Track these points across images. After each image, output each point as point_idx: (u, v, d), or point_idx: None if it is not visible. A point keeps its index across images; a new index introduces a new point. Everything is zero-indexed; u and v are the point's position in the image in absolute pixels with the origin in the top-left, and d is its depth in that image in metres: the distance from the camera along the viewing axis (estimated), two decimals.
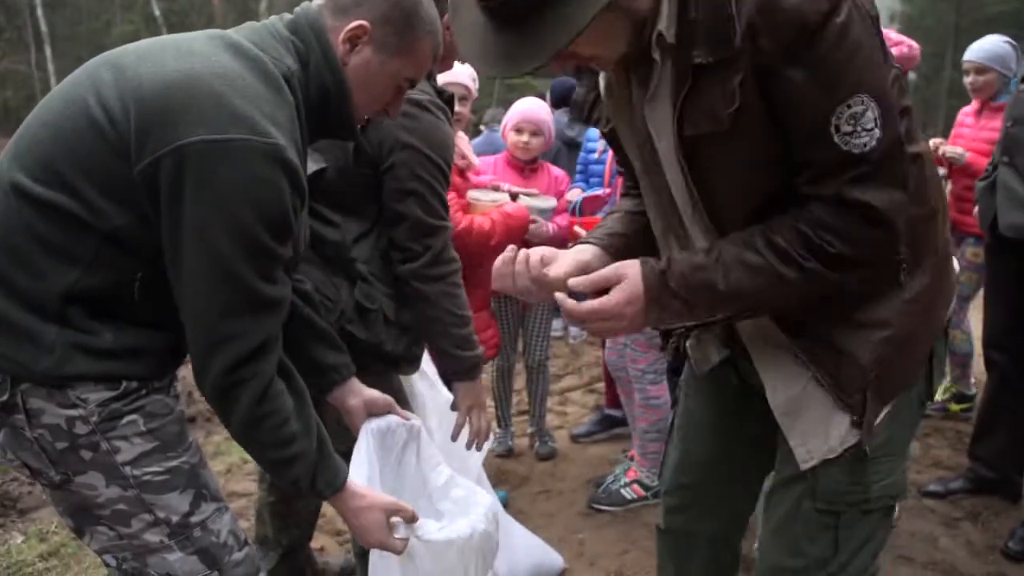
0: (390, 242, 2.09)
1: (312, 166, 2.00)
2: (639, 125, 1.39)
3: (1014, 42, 3.71)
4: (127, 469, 1.40)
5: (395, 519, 1.57)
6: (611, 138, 1.54)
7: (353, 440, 2.02)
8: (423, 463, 1.92)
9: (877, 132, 1.21)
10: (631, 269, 1.31)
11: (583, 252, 1.48)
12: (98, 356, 1.36)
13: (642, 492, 3.27)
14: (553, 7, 1.17)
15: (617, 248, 1.50)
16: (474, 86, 3.25)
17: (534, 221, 3.30)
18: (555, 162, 4.49)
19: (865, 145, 1.21)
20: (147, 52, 1.37)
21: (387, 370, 2.20)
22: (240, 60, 1.35)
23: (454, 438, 2.27)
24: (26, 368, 1.33)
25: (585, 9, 1.15)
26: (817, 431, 1.40)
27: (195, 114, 1.26)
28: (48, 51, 29.03)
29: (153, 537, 1.44)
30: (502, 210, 2.99)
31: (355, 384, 1.82)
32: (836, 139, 1.20)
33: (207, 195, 1.27)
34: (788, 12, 1.17)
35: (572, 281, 1.34)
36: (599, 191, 3.66)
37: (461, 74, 3.06)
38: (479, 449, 2.34)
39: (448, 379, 2.31)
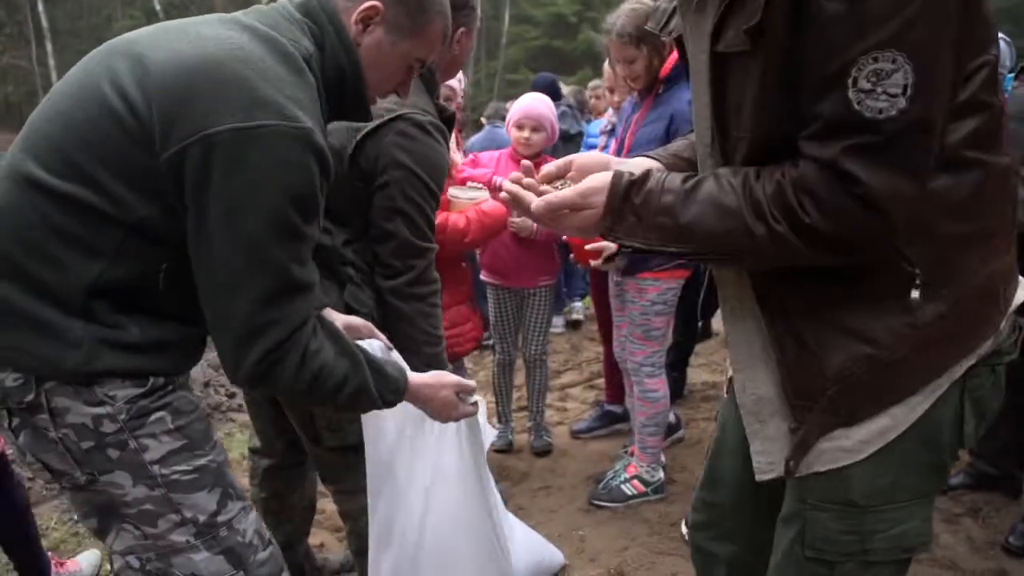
0: (375, 257, 2.10)
1: None
2: (688, 35, 1.30)
3: (1007, 39, 3.68)
4: (155, 468, 1.39)
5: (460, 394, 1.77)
6: (680, 47, 1.44)
7: (354, 434, 2.04)
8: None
9: (902, 102, 1.02)
10: (607, 174, 1.25)
11: (642, 162, 1.41)
12: (125, 351, 1.35)
13: (642, 488, 3.27)
14: None
15: (676, 168, 1.37)
16: (460, 87, 3.24)
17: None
18: (553, 155, 4.46)
19: (881, 112, 1.03)
20: (161, 38, 1.35)
21: None
22: (258, 42, 1.34)
23: None
24: (53, 365, 1.31)
25: None
26: (782, 443, 1.31)
27: (221, 101, 1.25)
28: (49, 46, 28.98)
29: (179, 537, 1.42)
30: (478, 208, 3.00)
31: (331, 313, 1.85)
32: (850, 93, 1.03)
33: (237, 182, 1.25)
34: None
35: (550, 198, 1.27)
36: None
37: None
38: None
39: None
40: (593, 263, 3.07)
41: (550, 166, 1.41)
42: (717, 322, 5.47)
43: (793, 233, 1.11)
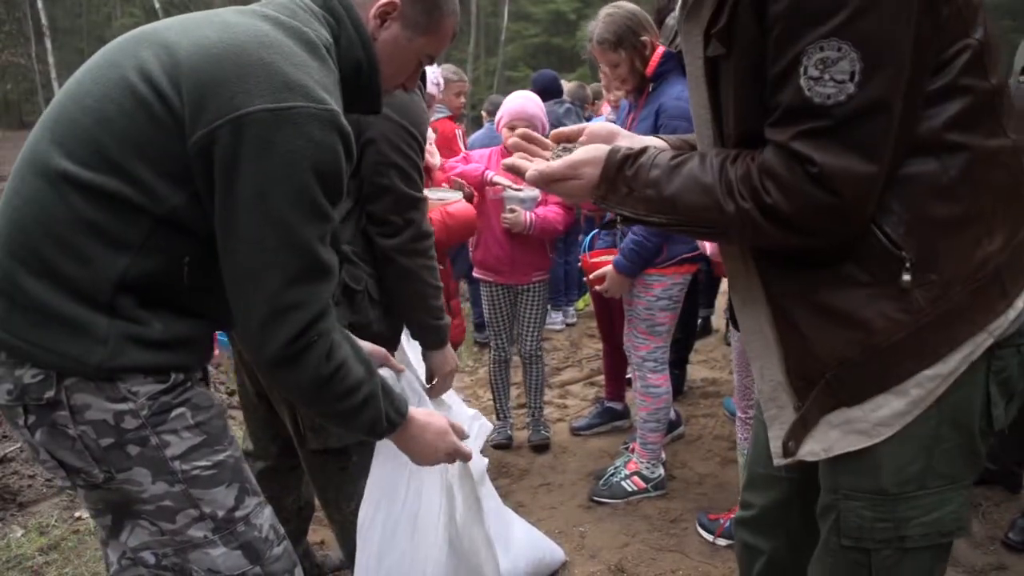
0: (370, 218, 2.08)
1: None
2: (683, 39, 1.36)
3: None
4: (176, 464, 1.39)
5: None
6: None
7: (335, 438, 2.05)
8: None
9: (850, 87, 1.08)
10: (606, 145, 1.35)
11: (645, 139, 1.48)
12: (149, 347, 1.35)
13: (642, 484, 3.27)
14: None
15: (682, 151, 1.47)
16: (437, 91, 3.24)
17: (513, 211, 3.38)
18: None
19: (829, 97, 1.09)
20: (188, 27, 1.35)
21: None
22: (281, 30, 1.35)
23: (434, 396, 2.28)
24: (77, 361, 1.31)
25: None
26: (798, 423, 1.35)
27: (251, 83, 1.25)
28: (48, 44, 28.98)
29: (198, 532, 1.43)
30: (444, 210, 3.00)
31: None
32: (802, 81, 1.10)
33: (267, 163, 1.25)
34: None
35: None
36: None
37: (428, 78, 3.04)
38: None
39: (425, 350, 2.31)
40: (598, 288, 3.15)
41: (564, 129, 1.50)
42: (716, 319, 5.49)
43: (759, 211, 1.18)
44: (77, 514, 3.14)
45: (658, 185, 1.27)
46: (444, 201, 3.04)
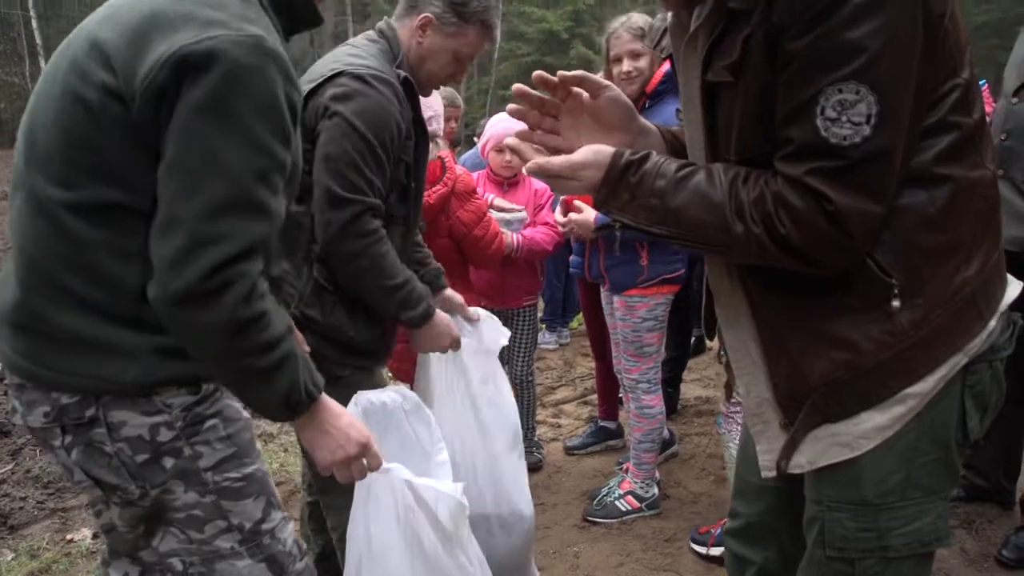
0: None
1: None
2: (680, 60, 1.39)
3: None
4: (208, 475, 1.41)
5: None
6: (673, 67, 1.52)
7: None
8: (422, 440, 2.00)
9: (866, 130, 1.11)
10: (610, 149, 1.34)
11: (651, 127, 1.51)
12: (177, 357, 1.36)
13: (636, 504, 3.26)
14: None
15: (674, 143, 1.51)
16: (437, 124, 3.20)
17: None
18: None
19: (845, 139, 1.12)
20: (107, 14, 1.35)
21: (363, 363, 2.18)
22: None
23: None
24: (113, 381, 1.33)
25: None
26: (782, 441, 1.38)
27: (171, 32, 1.25)
28: (42, 63, 28.96)
29: (225, 543, 1.44)
30: (523, 235, 3.08)
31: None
32: (818, 121, 1.13)
33: (197, 91, 1.23)
34: None
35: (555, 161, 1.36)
36: None
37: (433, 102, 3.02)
38: None
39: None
40: (570, 216, 3.15)
41: (579, 73, 1.45)
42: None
43: (768, 238, 1.20)
44: (69, 536, 3.12)
45: (663, 196, 1.27)
46: (513, 219, 3.14)
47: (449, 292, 2.53)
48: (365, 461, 1.51)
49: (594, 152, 1.34)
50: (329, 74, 2.01)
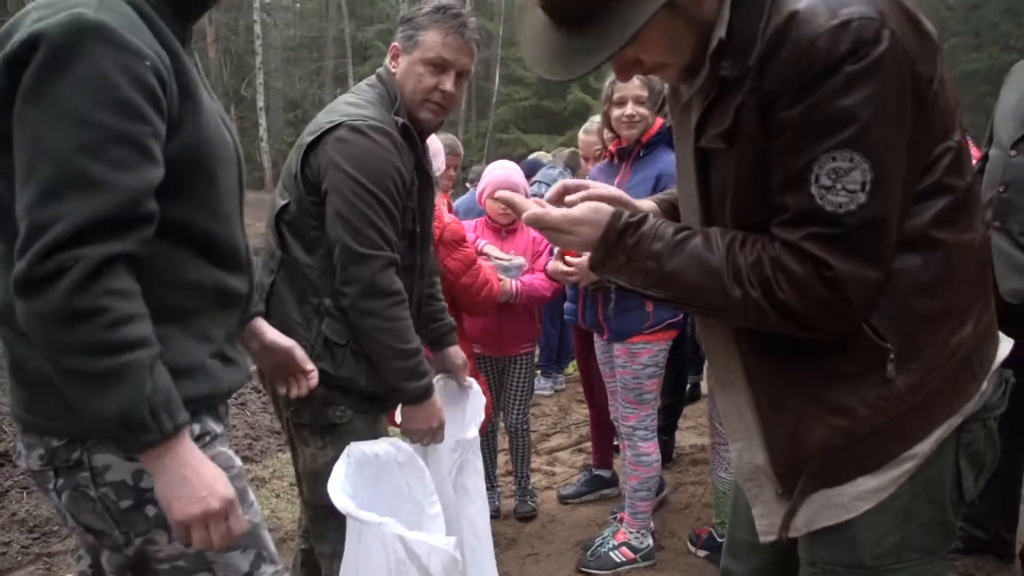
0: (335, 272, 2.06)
1: (279, 201, 2.13)
2: (676, 128, 1.39)
3: None
4: None
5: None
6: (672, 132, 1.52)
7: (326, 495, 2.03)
8: (415, 492, 1.97)
9: (861, 197, 1.12)
10: (609, 208, 1.33)
11: (645, 204, 1.51)
12: None
13: (631, 555, 3.22)
14: (609, 9, 1.14)
15: (671, 212, 1.50)
16: (437, 158, 3.19)
17: (499, 279, 3.37)
18: None
19: (841, 206, 1.13)
20: None
21: (373, 409, 2.18)
22: None
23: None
24: (81, 424, 1.29)
25: (639, 12, 1.12)
26: (779, 505, 1.36)
27: (17, 29, 1.24)
28: None
29: None
30: (523, 282, 3.09)
31: (261, 324, 1.82)
32: (812, 189, 1.13)
33: (24, 82, 1.20)
34: (798, 45, 1.10)
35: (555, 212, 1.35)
36: None
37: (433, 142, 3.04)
38: None
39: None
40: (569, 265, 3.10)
41: (572, 182, 1.48)
42: (705, 385, 5.46)
43: (767, 302, 1.20)
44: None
45: (660, 259, 1.27)
46: (511, 266, 3.11)
47: (454, 350, 2.53)
48: (229, 524, 1.30)
49: (593, 210, 1.33)
50: (328, 126, 2.04)
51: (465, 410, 2.48)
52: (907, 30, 1.13)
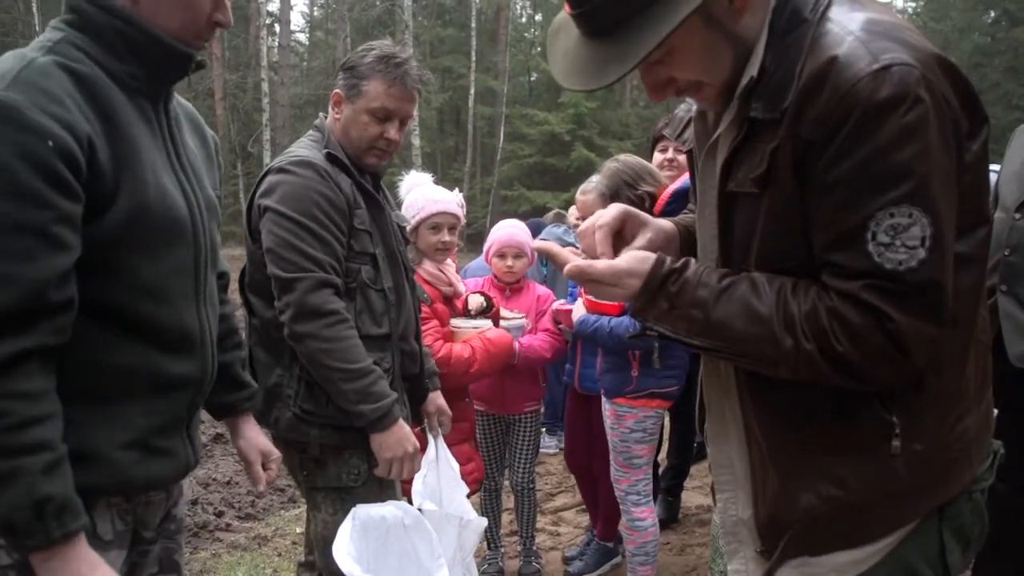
0: None
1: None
2: (700, 164, 1.36)
3: None
4: None
5: None
6: (691, 160, 1.48)
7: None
8: (421, 556, 1.97)
9: (922, 253, 1.07)
10: (647, 258, 1.27)
11: (664, 224, 1.46)
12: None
13: None
14: (642, 13, 1.11)
15: (682, 236, 1.47)
16: (461, 212, 3.18)
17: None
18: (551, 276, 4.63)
19: (901, 263, 1.08)
20: None
21: (365, 444, 2.17)
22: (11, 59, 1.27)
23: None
24: None
25: (673, 13, 1.09)
26: (759, 562, 1.34)
27: None
28: None
29: None
30: (483, 336, 3.01)
31: (248, 423, 1.82)
32: (870, 247, 1.08)
33: None
34: (838, 89, 1.07)
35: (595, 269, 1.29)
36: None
37: (449, 203, 3.04)
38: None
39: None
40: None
41: (630, 212, 1.40)
42: None
43: (820, 355, 1.14)
44: None
45: (705, 307, 1.21)
46: (479, 329, 3.03)
47: (435, 398, 2.52)
48: None
49: (639, 260, 1.27)
50: (259, 179, 2.16)
51: (441, 481, 2.42)
52: (943, 81, 1.11)
